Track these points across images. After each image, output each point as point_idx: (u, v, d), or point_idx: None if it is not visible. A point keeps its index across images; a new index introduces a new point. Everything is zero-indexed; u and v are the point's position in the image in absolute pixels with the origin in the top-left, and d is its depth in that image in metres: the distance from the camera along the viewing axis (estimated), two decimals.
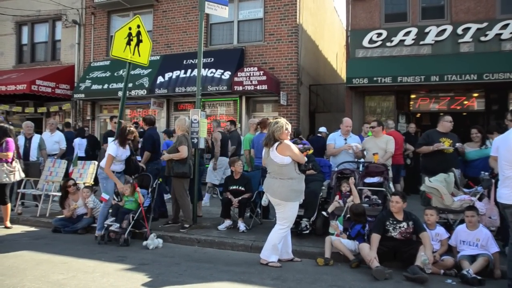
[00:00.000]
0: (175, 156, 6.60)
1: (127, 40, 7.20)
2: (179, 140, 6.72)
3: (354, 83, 10.86)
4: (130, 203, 6.25)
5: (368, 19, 11.73)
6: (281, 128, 4.99)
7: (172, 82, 12.69)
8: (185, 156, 6.59)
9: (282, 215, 5.10)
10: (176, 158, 6.56)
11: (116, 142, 6.31)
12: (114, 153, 6.15)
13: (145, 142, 7.44)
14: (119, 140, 6.31)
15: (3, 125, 6.95)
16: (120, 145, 6.25)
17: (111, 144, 6.36)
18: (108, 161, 6.13)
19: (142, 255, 5.35)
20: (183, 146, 6.61)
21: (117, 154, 6.19)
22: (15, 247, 5.61)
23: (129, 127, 6.42)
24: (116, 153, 6.17)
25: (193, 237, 6.25)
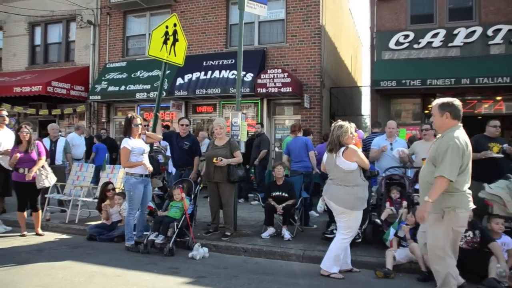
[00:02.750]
0: (234, 161, 6.30)
1: (163, 39, 6.94)
2: (234, 144, 6.45)
3: (382, 86, 10.63)
4: (174, 210, 5.97)
5: (393, 21, 11.52)
6: (346, 133, 4.74)
7: (192, 84, 12.42)
8: (241, 161, 6.39)
9: (346, 224, 4.84)
10: (234, 163, 6.29)
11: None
12: (129, 145, 5.80)
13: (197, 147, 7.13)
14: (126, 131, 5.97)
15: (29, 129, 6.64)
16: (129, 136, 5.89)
17: (125, 138, 6.00)
18: (124, 156, 5.79)
19: (193, 266, 5.07)
20: (239, 150, 6.42)
21: (133, 147, 5.81)
22: (57, 257, 5.32)
23: (135, 116, 5.99)
24: (129, 145, 5.79)
25: (238, 246, 5.97)
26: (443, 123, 3.93)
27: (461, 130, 3.90)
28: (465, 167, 3.79)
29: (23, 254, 5.39)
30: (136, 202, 5.85)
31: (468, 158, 3.81)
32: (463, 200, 3.78)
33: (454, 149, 3.70)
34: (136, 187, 5.82)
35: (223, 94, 11.99)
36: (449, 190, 3.73)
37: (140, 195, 5.86)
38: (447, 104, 3.92)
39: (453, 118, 3.88)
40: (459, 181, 3.75)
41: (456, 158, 3.69)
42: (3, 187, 6.96)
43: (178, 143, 6.88)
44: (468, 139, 3.92)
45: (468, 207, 3.81)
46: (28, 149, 6.42)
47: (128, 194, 5.88)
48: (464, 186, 3.79)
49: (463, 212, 3.77)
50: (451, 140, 3.75)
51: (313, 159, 7.48)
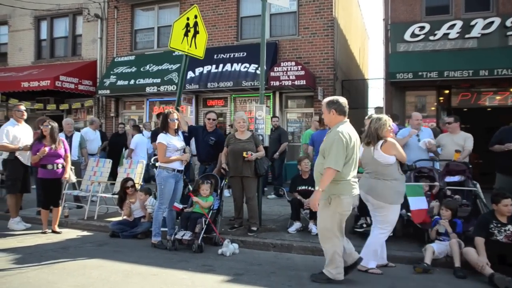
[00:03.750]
0: (260, 155, 6.23)
1: (184, 31, 6.76)
2: (257, 138, 6.35)
3: (398, 78, 10.47)
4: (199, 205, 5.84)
5: (408, 12, 11.34)
6: (384, 125, 4.61)
7: (204, 77, 12.25)
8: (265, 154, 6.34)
9: (385, 219, 4.72)
10: (260, 157, 6.21)
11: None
12: (165, 140, 5.68)
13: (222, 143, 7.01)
14: (162, 126, 5.85)
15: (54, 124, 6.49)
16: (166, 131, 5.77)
17: (160, 134, 5.89)
18: (160, 151, 5.67)
19: (227, 263, 4.94)
20: (261, 145, 6.35)
21: (168, 142, 5.69)
22: (85, 255, 5.18)
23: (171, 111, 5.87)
24: (165, 140, 5.69)
25: (267, 242, 5.85)
26: (330, 119, 4.36)
27: (346, 125, 4.29)
28: (350, 158, 4.16)
29: (50, 253, 5.26)
30: (166, 197, 5.71)
31: (352, 150, 4.18)
32: (347, 188, 4.18)
33: (339, 143, 4.08)
34: (167, 181, 5.69)
35: (235, 87, 11.83)
36: (335, 179, 4.11)
37: (171, 189, 5.73)
38: (332, 102, 4.35)
39: (339, 114, 4.31)
40: (344, 171, 4.13)
41: (341, 150, 4.07)
42: (23, 184, 6.80)
43: (204, 138, 6.72)
44: (353, 133, 4.28)
45: (351, 194, 4.22)
46: (53, 144, 6.27)
47: (159, 188, 5.74)
48: (348, 175, 4.17)
49: (347, 198, 4.19)
50: (336, 134, 4.14)
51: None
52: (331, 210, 4.18)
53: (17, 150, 6.64)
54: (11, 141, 6.59)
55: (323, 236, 4.36)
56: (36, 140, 6.40)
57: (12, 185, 6.70)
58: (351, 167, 4.20)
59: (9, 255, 5.07)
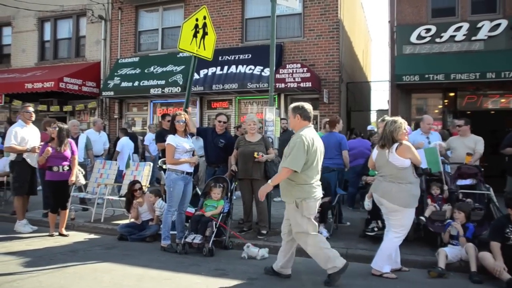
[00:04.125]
0: (270, 157, 6.17)
1: (193, 32, 6.72)
2: (268, 141, 6.30)
3: (405, 81, 10.43)
4: (210, 209, 5.78)
5: (414, 14, 11.30)
6: (400, 128, 4.57)
7: (208, 79, 12.20)
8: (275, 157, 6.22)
9: (399, 222, 4.66)
10: (271, 159, 6.16)
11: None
12: (173, 142, 5.62)
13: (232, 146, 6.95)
14: (171, 128, 5.79)
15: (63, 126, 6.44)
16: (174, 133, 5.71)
17: (169, 135, 5.83)
18: (169, 153, 5.61)
19: (239, 267, 4.88)
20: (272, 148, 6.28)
21: (177, 144, 5.63)
22: (94, 258, 5.12)
23: (178, 113, 5.80)
24: (174, 142, 5.63)
25: (278, 245, 5.66)
26: (295, 124, 4.49)
27: (310, 130, 4.42)
28: (312, 162, 4.28)
29: (59, 256, 5.19)
30: (175, 199, 5.64)
31: (314, 154, 4.31)
32: (311, 191, 4.29)
33: (300, 145, 4.20)
34: (176, 183, 5.62)
35: (240, 89, 11.79)
36: (300, 183, 4.26)
37: (180, 192, 5.66)
38: (298, 107, 4.51)
39: (303, 120, 4.45)
40: (308, 174, 4.27)
41: (301, 153, 4.19)
42: (30, 186, 6.74)
43: (213, 140, 6.66)
44: (317, 138, 4.41)
45: (315, 197, 4.32)
46: (59, 146, 6.21)
47: (168, 190, 5.69)
48: (312, 179, 4.31)
49: (312, 202, 4.28)
50: (299, 137, 4.27)
51: (346, 158, 7.25)
52: (299, 213, 4.27)
53: (25, 152, 6.58)
54: (19, 143, 6.54)
55: (300, 239, 4.41)
56: (45, 142, 6.34)
57: (20, 187, 6.63)
58: (315, 171, 4.34)
59: (18, 258, 5.01)
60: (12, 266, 4.69)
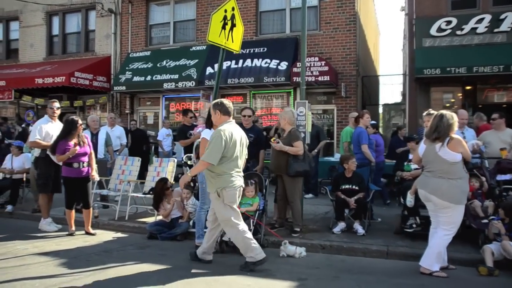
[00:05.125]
0: (290, 150, 5.93)
1: (222, 23, 6.51)
2: (294, 134, 6.06)
3: (426, 74, 10.25)
4: (246, 206, 5.61)
5: (434, 7, 11.10)
6: (455, 123, 4.40)
7: (223, 73, 11.93)
8: (301, 153, 5.95)
9: (450, 219, 4.49)
10: (291, 153, 5.92)
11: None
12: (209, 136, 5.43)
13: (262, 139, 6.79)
14: (207, 123, 5.59)
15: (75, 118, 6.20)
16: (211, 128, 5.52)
17: (205, 129, 5.64)
18: (203, 147, 5.35)
19: (284, 267, 4.72)
20: (299, 141, 5.94)
21: None
22: (131, 258, 4.92)
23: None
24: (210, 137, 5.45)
25: (315, 243, 5.63)
26: (216, 119, 4.75)
27: (229, 125, 4.67)
28: (231, 155, 4.55)
29: (94, 256, 5.01)
30: (207, 196, 5.45)
31: (234, 147, 4.56)
32: (230, 181, 4.53)
33: (217, 139, 4.46)
34: None
35: (256, 83, 11.59)
36: (219, 174, 4.52)
37: None
38: (217, 103, 4.77)
39: (223, 115, 4.70)
40: (228, 166, 4.53)
41: (218, 147, 4.45)
42: (54, 183, 6.54)
43: None
44: (237, 131, 4.67)
45: (234, 186, 4.54)
46: (80, 142, 6.02)
47: (201, 187, 5.50)
48: (232, 170, 4.55)
49: (231, 190, 4.52)
50: (218, 132, 4.53)
51: (365, 153, 7.03)
52: (221, 202, 4.53)
53: (48, 147, 6.38)
54: (43, 138, 6.34)
55: (226, 226, 4.65)
56: (60, 138, 6.03)
57: (44, 184, 6.44)
58: (235, 162, 4.60)
59: (54, 259, 4.83)
60: (51, 268, 4.51)
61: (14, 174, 7.95)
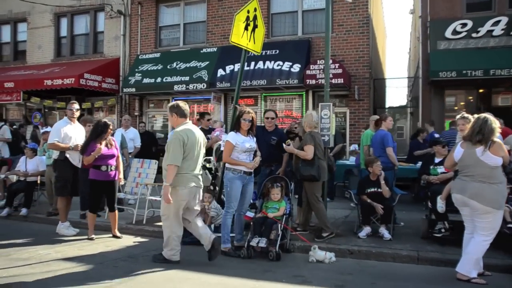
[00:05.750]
0: (298, 153, 5.87)
1: (245, 24, 6.41)
2: (305, 138, 5.96)
3: (441, 77, 10.15)
4: (272, 210, 5.49)
5: (448, 9, 11.02)
6: (495, 125, 4.29)
7: (235, 75, 11.81)
8: (309, 157, 5.82)
9: (490, 225, 4.37)
10: (300, 156, 5.84)
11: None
12: (233, 140, 5.31)
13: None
14: (234, 125, 5.49)
15: (108, 121, 6.12)
16: (237, 131, 5.40)
17: (231, 132, 5.54)
18: (227, 150, 5.30)
19: (317, 273, 4.59)
20: (309, 145, 5.81)
21: (237, 142, 5.31)
22: (158, 265, 4.77)
23: (247, 111, 5.47)
24: (235, 140, 5.31)
25: (343, 248, 5.51)
26: (173, 121, 4.96)
27: (186, 126, 4.87)
28: (188, 154, 4.73)
29: (120, 262, 4.87)
30: (233, 200, 5.33)
31: (190, 148, 4.76)
32: (183, 180, 4.72)
33: (175, 141, 4.67)
34: (233, 182, 5.31)
35: (268, 85, 11.48)
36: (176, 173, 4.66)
37: (238, 192, 5.34)
38: (173, 106, 4.96)
39: (180, 117, 4.92)
40: (183, 165, 4.71)
41: (178, 148, 4.64)
42: (72, 186, 6.41)
43: (265, 138, 6.34)
44: (194, 132, 4.84)
45: (187, 185, 4.74)
46: (107, 144, 5.91)
47: (226, 190, 5.40)
48: (187, 169, 4.74)
49: (183, 189, 4.72)
50: (175, 134, 4.73)
51: (391, 156, 6.90)
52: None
53: (68, 150, 6.26)
54: (62, 140, 6.22)
55: (163, 220, 4.88)
56: (89, 140, 6.00)
57: (62, 187, 6.30)
58: (190, 162, 4.77)
59: (80, 265, 4.69)
60: (79, 274, 4.37)
61: (28, 177, 7.83)
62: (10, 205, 7.71)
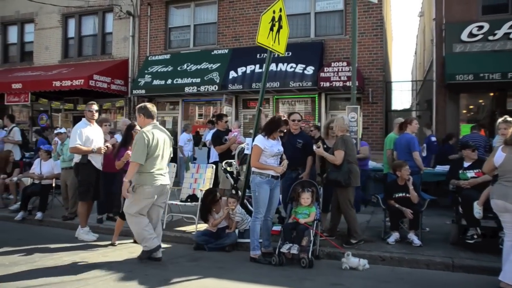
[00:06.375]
0: (327, 157, 5.76)
1: (270, 25, 6.29)
2: (337, 142, 5.83)
3: (458, 80, 10.04)
4: (303, 216, 5.34)
5: (464, 12, 10.91)
6: None
7: (247, 77, 11.74)
8: (338, 163, 5.69)
9: None
10: (329, 161, 5.73)
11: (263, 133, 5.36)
12: (261, 144, 5.17)
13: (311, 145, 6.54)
14: (266, 130, 5.31)
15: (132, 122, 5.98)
16: (268, 136, 5.25)
17: (259, 135, 5.40)
18: (255, 154, 5.17)
19: (356, 281, 4.47)
20: (339, 150, 5.69)
21: (265, 146, 5.18)
22: (191, 272, 4.61)
23: (283, 116, 5.38)
24: (263, 144, 5.18)
25: (374, 254, 5.37)
26: (141, 122, 5.21)
27: (152, 126, 5.09)
28: (153, 154, 4.95)
29: (150, 270, 4.69)
30: (262, 205, 5.19)
31: (155, 147, 4.97)
32: (149, 179, 4.94)
33: (140, 141, 4.90)
34: (262, 187, 5.18)
35: (282, 88, 11.35)
36: (141, 172, 4.92)
37: (267, 197, 5.22)
38: (141, 107, 5.21)
39: (146, 118, 5.14)
40: (149, 165, 4.93)
41: (142, 147, 4.87)
42: (95, 190, 6.24)
43: (290, 141, 6.19)
44: (158, 133, 5.06)
45: (153, 184, 4.95)
46: None
47: (253, 195, 5.25)
48: (152, 168, 4.95)
49: (149, 188, 4.93)
50: (140, 134, 4.99)
51: (417, 160, 6.76)
52: (135, 197, 4.91)
53: (90, 153, 6.09)
54: (84, 143, 6.05)
55: (129, 219, 5.05)
56: (120, 145, 5.89)
57: (86, 192, 6.12)
58: (155, 161, 4.97)
59: (110, 274, 4.52)
60: (111, 283, 4.21)
61: (43, 180, 7.67)
62: (25, 209, 7.55)
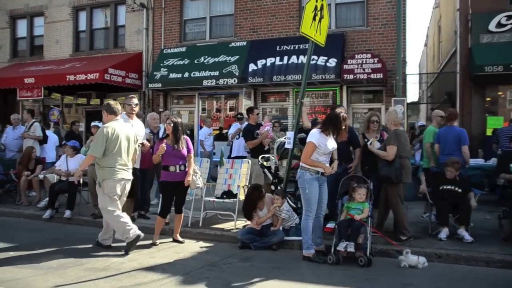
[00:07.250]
0: (378, 153, 5.59)
1: (313, 14, 6.05)
2: (390, 137, 5.64)
3: (486, 71, 9.84)
4: (357, 212, 5.14)
5: (491, 1, 10.67)
6: None
7: (268, 70, 11.48)
8: (390, 159, 5.49)
9: None
10: (381, 157, 5.55)
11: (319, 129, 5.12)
12: (317, 141, 4.96)
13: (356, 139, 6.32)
14: (324, 127, 5.07)
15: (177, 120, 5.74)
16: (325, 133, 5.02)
17: (314, 131, 5.17)
18: (309, 150, 4.95)
19: (424, 280, 4.30)
20: (392, 146, 5.48)
21: (320, 144, 4.97)
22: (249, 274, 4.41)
23: (343, 114, 5.11)
24: (318, 141, 4.97)
25: (429, 252, 5.18)
26: (105, 118, 5.39)
27: (114, 122, 5.28)
28: (113, 149, 5.12)
29: (207, 273, 4.46)
30: (312, 202, 5.00)
31: (115, 142, 5.13)
32: (111, 173, 5.12)
33: (100, 136, 5.12)
34: (312, 184, 4.99)
35: None
36: (102, 166, 5.13)
37: (317, 193, 5.02)
38: (104, 105, 5.47)
39: (109, 114, 5.34)
40: (110, 159, 5.12)
41: (101, 141, 5.07)
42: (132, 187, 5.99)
43: None
44: (120, 128, 5.22)
45: (115, 178, 5.13)
46: (176, 144, 5.53)
47: (303, 193, 5.05)
48: (114, 163, 5.12)
49: (111, 182, 5.12)
50: (101, 129, 5.20)
51: (465, 154, 6.54)
52: (102, 192, 5.16)
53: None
54: None
55: (105, 213, 5.22)
56: (159, 139, 5.73)
57: None
58: (116, 156, 5.13)
59: (166, 277, 4.30)
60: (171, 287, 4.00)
61: (70, 177, 7.42)
62: (53, 207, 7.32)
